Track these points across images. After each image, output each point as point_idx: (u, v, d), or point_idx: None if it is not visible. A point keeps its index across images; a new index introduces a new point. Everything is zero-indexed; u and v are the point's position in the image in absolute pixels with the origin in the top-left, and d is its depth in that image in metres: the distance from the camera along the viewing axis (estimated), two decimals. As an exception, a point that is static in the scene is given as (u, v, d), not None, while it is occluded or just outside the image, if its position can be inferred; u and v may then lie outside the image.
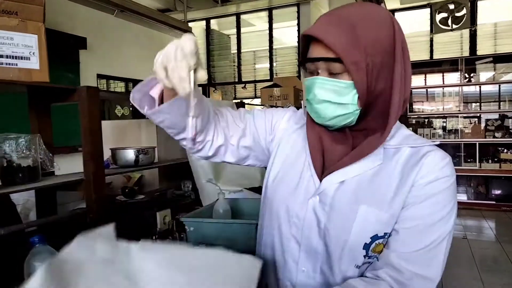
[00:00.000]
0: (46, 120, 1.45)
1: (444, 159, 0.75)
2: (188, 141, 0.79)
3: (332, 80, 0.73)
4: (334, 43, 0.70)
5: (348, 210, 0.75)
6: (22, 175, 1.24)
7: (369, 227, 0.73)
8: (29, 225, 1.32)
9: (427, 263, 0.72)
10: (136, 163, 1.69)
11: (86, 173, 1.34)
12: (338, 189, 0.76)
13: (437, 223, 0.72)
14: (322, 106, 0.74)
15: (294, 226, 0.80)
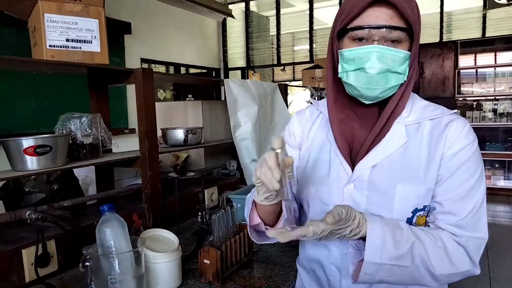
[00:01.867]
0: (104, 100, 1.54)
1: (465, 126, 0.78)
2: None
3: (394, 49, 0.73)
4: (408, 12, 0.70)
5: (386, 191, 0.77)
6: (85, 152, 1.34)
7: (409, 203, 0.76)
8: (91, 198, 1.43)
9: (476, 226, 0.76)
10: (185, 142, 1.77)
11: (142, 150, 1.42)
12: (372, 173, 0.78)
13: (474, 187, 0.76)
14: (383, 75, 0.73)
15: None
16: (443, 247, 0.74)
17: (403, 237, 0.73)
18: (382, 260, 0.72)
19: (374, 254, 0.71)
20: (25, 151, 1.11)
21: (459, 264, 0.75)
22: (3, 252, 1.00)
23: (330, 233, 0.68)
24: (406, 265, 0.73)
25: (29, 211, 1.14)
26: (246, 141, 2.03)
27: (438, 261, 0.73)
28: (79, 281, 1.05)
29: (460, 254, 0.75)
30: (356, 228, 0.71)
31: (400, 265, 0.72)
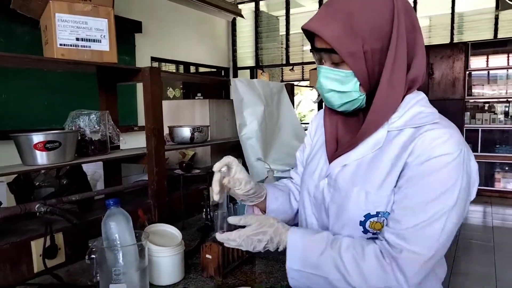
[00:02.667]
0: (113, 98, 1.58)
1: (442, 136, 0.73)
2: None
3: (334, 70, 0.78)
4: (328, 36, 0.74)
5: (346, 191, 0.81)
6: (94, 148, 1.37)
7: (361, 206, 0.78)
8: (98, 193, 1.46)
9: (419, 241, 0.72)
10: (191, 140, 1.79)
11: (149, 147, 1.46)
12: (340, 172, 0.83)
13: (432, 202, 0.71)
14: (329, 95, 0.81)
15: (312, 205, 0.90)
16: (362, 263, 0.73)
17: (325, 248, 0.77)
18: (304, 268, 0.77)
19: (294, 261, 0.78)
20: (35, 146, 1.15)
21: (374, 281, 0.72)
22: (13, 243, 1.03)
23: (249, 239, 0.80)
24: (326, 276, 0.75)
25: (38, 204, 1.17)
26: (251, 140, 2.05)
27: (356, 276, 0.73)
28: (85, 272, 1.08)
29: (379, 270, 0.72)
30: (275, 236, 0.80)
31: (320, 275, 0.76)
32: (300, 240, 0.79)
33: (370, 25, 0.73)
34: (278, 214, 0.97)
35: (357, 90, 0.78)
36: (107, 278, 0.88)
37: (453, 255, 3.37)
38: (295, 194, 1.04)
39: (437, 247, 0.72)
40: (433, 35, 5.69)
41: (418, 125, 0.76)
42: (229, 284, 1.01)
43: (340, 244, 0.77)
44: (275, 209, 0.98)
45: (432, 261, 0.72)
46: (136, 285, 0.90)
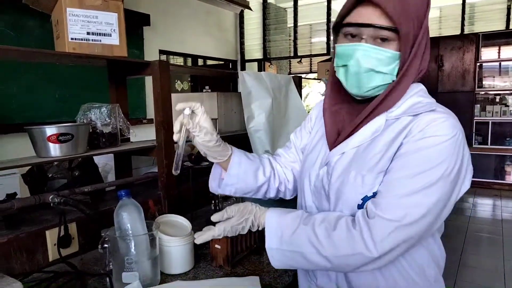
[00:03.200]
0: (123, 91, 1.60)
1: (437, 120, 0.74)
2: (272, 192, 1.01)
3: (380, 49, 0.74)
4: (393, 11, 0.71)
5: (342, 177, 0.82)
6: (105, 140, 1.40)
7: (358, 189, 0.78)
8: (110, 184, 1.49)
9: (392, 209, 0.72)
10: (200, 133, 1.81)
11: (158, 140, 1.48)
12: (339, 159, 0.83)
13: (417, 177, 0.71)
14: (365, 75, 0.76)
15: (313, 194, 0.89)
16: (332, 233, 0.75)
17: (298, 224, 0.78)
18: (281, 246, 0.78)
19: (271, 240, 0.79)
20: (48, 139, 1.18)
21: (344, 249, 0.73)
22: (29, 233, 1.07)
23: (234, 228, 0.82)
24: (301, 250, 0.77)
25: (52, 195, 1.21)
26: (259, 133, 2.06)
27: (328, 246, 0.74)
28: (98, 261, 1.11)
29: (348, 237, 0.73)
30: (255, 220, 0.83)
31: (296, 250, 0.77)
32: (276, 220, 0.80)
33: (418, 10, 0.73)
34: (238, 181, 0.95)
35: (394, 74, 0.76)
36: (120, 266, 0.91)
37: (461, 247, 3.37)
38: (266, 169, 1.00)
39: (411, 219, 0.71)
40: (444, 26, 5.61)
41: (416, 113, 0.77)
42: (237, 273, 1.03)
43: (314, 219, 0.78)
44: (235, 174, 0.94)
45: (405, 232, 0.71)
46: (147, 273, 0.93)
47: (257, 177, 0.98)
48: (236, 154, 0.95)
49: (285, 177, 1.02)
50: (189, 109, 0.85)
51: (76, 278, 1.00)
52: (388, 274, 0.81)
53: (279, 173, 1.03)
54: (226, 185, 0.96)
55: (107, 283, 0.98)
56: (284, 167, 1.03)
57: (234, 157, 0.94)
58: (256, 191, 1.00)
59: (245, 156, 0.98)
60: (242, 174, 0.95)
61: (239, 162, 0.95)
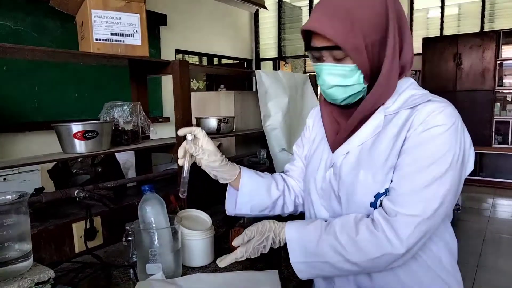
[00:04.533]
0: (143, 90, 1.65)
1: (436, 110, 0.76)
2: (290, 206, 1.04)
3: (337, 65, 0.80)
4: (332, 34, 0.76)
5: (351, 177, 0.83)
6: (127, 138, 1.44)
7: (370, 187, 0.80)
8: (131, 180, 1.54)
9: (411, 204, 0.74)
10: (217, 130, 1.85)
11: (178, 137, 1.51)
12: (344, 159, 0.85)
13: (428, 168, 0.74)
14: (332, 90, 0.82)
15: (321, 197, 0.90)
16: (356, 237, 0.76)
17: (320, 235, 0.79)
18: (306, 258, 0.80)
19: (295, 254, 0.81)
20: (74, 136, 1.22)
21: (371, 252, 0.75)
22: (57, 225, 1.12)
23: (255, 249, 0.84)
24: (327, 260, 0.78)
25: (78, 190, 1.25)
26: (275, 131, 2.08)
27: (354, 252, 0.76)
28: (122, 254, 1.15)
29: (373, 240, 0.75)
30: (276, 237, 0.84)
31: (322, 261, 0.79)
32: (296, 233, 0.82)
33: (368, 19, 0.76)
34: (252, 198, 0.97)
35: (361, 83, 0.80)
36: (144, 258, 0.95)
37: (480, 249, 3.32)
38: (278, 183, 1.02)
39: (430, 211, 0.74)
40: (463, 24, 5.52)
41: (413, 105, 0.80)
42: (257, 267, 1.06)
43: (334, 227, 0.79)
44: (247, 192, 0.97)
45: (427, 224, 0.74)
46: (170, 265, 0.96)
47: (270, 192, 1.00)
48: (245, 172, 0.99)
49: (300, 189, 1.04)
50: (191, 134, 0.90)
51: (101, 269, 1.04)
52: (408, 268, 0.82)
53: (293, 186, 1.05)
54: (241, 203, 0.99)
55: (131, 274, 1.02)
56: (296, 180, 1.05)
57: (244, 175, 0.98)
58: (272, 207, 1.02)
59: (255, 173, 1.01)
60: (255, 191, 0.98)
61: (249, 179, 0.98)
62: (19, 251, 0.78)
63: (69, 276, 1.00)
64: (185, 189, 0.91)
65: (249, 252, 0.85)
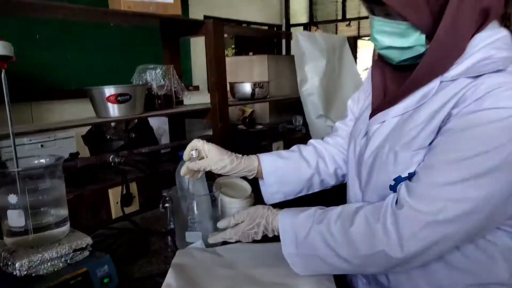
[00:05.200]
0: (176, 53, 1.57)
1: (501, 86, 0.56)
2: (331, 179, 0.93)
3: (389, 21, 0.64)
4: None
5: (376, 152, 0.71)
6: (160, 102, 1.39)
7: (389, 168, 0.67)
8: (165, 146, 1.50)
9: (428, 197, 0.58)
10: (252, 96, 1.76)
11: (212, 102, 1.44)
12: (378, 129, 0.73)
13: (462, 161, 0.57)
14: (387, 52, 0.68)
15: (356, 167, 0.79)
16: (349, 229, 0.64)
17: (312, 224, 0.69)
18: (298, 250, 0.70)
19: (287, 245, 0.72)
20: (107, 99, 1.18)
21: (363, 248, 0.62)
22: (93, 191, 1.09)
23: (245, 234, 0.78)
24: (316, 253, 0.68)
25: (113, 155, 1.22)
26: (312, 96, 1.97)
27: (345, 245, 0.64)
28: (159, 220, 1.12)
29: (367, 233, 0.62)
30: (268, 224, 0.76)
31: (312, 254, 0.69)
32: (289, 222, 0.73)
33: None
34: (281, 186, 0.90)
35: (422, 44, 0.64)
36: (183, 226, 0.90)
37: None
38: (309, 160, 0.91)
39: (452, 214, 0.57)
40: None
41: (477, 73, 0.60)
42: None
43: (330, 215, 0.68)
44: (273, 182, 0.89)
45: (442, 230, 0.57)
46: (210, 233, 0.91)
47: (300, 173, 0.91)
48: (266, 162, 0.90)
49: (345, 156, 0.91)
50: (194, 152, 0.85)
51: (139, 236, 1.01)
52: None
53: (333, 155, 0.92)
54: (271, 194, 0.91)
55: (168, 241, 0.99)
56: (340, 147, 0.92)
57: (265, 166, 0.89)
58: (308, 187, 0.93)
59: (278, 157, 0.91)
60: (282, 178, 0.90)
61: (272, 168, 0.89)
62: (55, 216, 0.75)
63: (107, 243, 0.98)
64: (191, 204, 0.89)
65: (238, 236, 0.79)
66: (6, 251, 0.70)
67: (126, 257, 0.90)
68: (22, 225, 0.70)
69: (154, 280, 0.80)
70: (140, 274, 0.82)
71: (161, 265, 0.86)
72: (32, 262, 0.67)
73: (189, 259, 0.82)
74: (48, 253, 0.70)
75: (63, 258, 0.72)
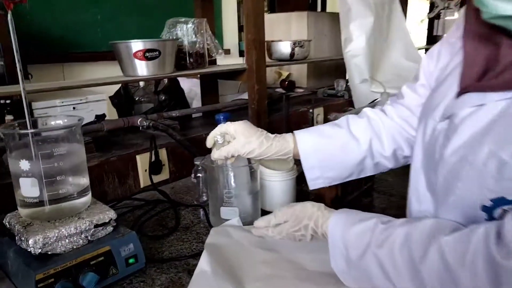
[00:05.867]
0: (209, 5, 1.42)
1: None
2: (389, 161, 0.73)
3: None
4: None
5: (465, 151, 0.48)
6: (192, 61, 1.25)
7: (487, 182, 0.45)
8: (197, 110, 1.38)
9: None
10: (291, 56, 1.60)
11: (249, 61, 1.30)
12: (472, 115, 0.49)
13: None
14: (505, 22, 0.43)
15: (424, 155, 0.59)
16: (419, 261, 0.47)
17: (369, 246, 0.53)
18: (351, 271, 0.56)
19: (337, 261, 0.58)
20: (135, 55, 1.06)
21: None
22: (120, 157, 0.99)
23: (290, 235, 0.66)
24: (375, 284, 0.53)
25: (141, 118, 1.12)
26: (357, 58, 1.77)
27: (410, 282, 0.48)
28: (190, 191, 1.02)
29: (449, 280, 0.44)
30: (317, 228, 0.62)
31: (368, 280, 0.54)
32: (340, 234, 0.58)
33: None
34: (324, 171, 0.73)
35: None
36: (217, 200, 0.79)
37: None
38: (360, 137, 0.72)
39: None
40: None
41: None
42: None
43: (393, 239, 0.51)
44: (313, 165, 0.73)
45: None
46: (248, 209, 0.80)
47: (347, 155, 0.72)
48: (303, 143, 0.72)
49: (410, 133, 0.70)
50: (219, 137, 0.73)
51: (169, 208, 0.92)
52: None
53: (392, 133, 0.71)
54: (313, 180, 0.74)
55: (201, 215, 0.89)
56: (403, 122, 0.71)
57: (302, 147, 0.72)
58: (359, 171, 0.74)
59: (318, 137, 0.73)
60: (324, 162, 0.72)
61: (311, 149, 0.72)
62: (74, 186, 0.65)
63: (134, 215, 0.89)
64: None
65: (283, 236, 0.67)
66: (20, 224, 0.61)
67: (153, 233, 0.81)
68: (37, 195, 0.61)
69: (186, 261, 0.70)
70: (170, 253, 0.73)
71: (193, 243, 0.76)
72: (47, 238, 0.58)
73: (224, 239, 0.72)
74: (66, 229, 0.60)
75: (83, 234, 0.63)
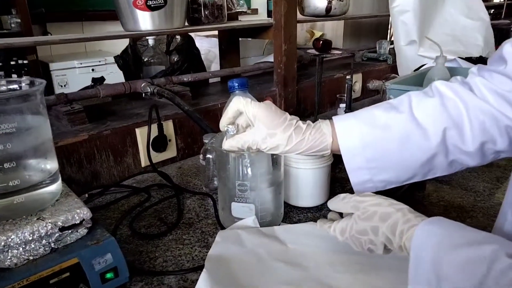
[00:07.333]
0: None
1: None
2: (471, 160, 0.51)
3: None
4: None
5: None
6: (207, 13, 1.05)
7: None
8: (214, 74, 1.18)
9: None
10: (327, 12, 1.35)
11: (276, 15, 1.07)
12: None
13: None
14: None
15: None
16: None
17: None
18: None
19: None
20: (134, 4, 0.86)
21: None
22: (116, 130, 0.82)
23: (354, 238, 0.48)
24: None
25: (144, 83, 0.93)
26: (405, 15, 1.50)
27: None
28: (199, 174, 0.85)
29: None
30: (394, 237, 0.43)
31: None
32: (432, 257, 0.38)
33: None
34: (375, 174, 0.52)
35: None
36: (228, 192, 0.61)
37: None
38: (428, 127, 0.49)
39: None
40: None
41: None
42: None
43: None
44: (360, 167, 0.52)
45: None
46: (267, 205, 0.62)
47: (409, 152, 0.50)
48: (346, 137, 0.51)
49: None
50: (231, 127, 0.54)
51: (172, 197, 0.75)
52: None
53: (482, 119, 0.48)
54: (360, 184, 0.53)
55: (209, 205, 0.71)
56: (502, 100, 0.48)
57: (345, 143, 0.51)
58: (426, 172, 0.52)
59: (366, 126, 0.51)
60: (376, 160, 0.51)
61: (357, 143, 0.51)
62: (33, 174, 0.48)
63: (129, 202, 0.72)
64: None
65: (345, 238, 0.49)
66: (-41, 225, 0.46)
67: (148, 229, 0.65)
68: (-24, 188, 0.45)
69: (183, 276, 0.53)
70: (164, 261, 0.56)
71: (195, 247, 0.59)
72: (-13, 249, 0.42)
73: (234, 248, 0.54)
74: (17, 234, 0.44)
75: (43, 240, 0.46)
